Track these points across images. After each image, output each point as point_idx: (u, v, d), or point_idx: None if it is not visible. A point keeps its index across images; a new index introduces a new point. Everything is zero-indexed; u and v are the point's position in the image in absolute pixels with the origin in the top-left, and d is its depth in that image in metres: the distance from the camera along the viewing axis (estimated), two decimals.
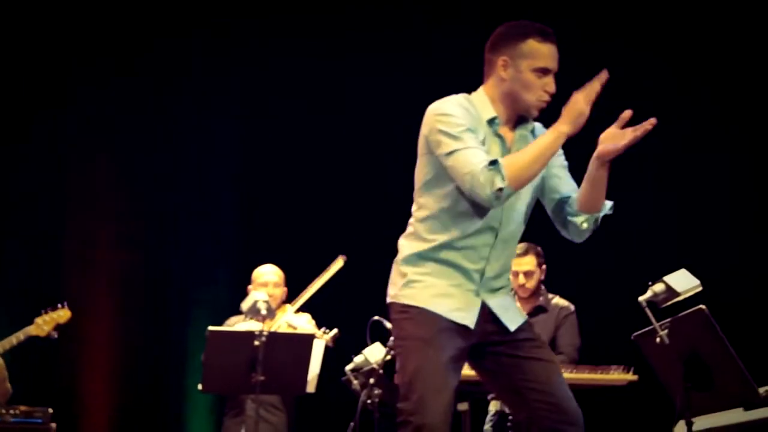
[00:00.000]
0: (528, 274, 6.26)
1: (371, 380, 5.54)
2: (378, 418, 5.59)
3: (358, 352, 5.66)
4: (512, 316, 3.87)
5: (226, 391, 6.33)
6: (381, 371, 5.55)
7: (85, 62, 8.25)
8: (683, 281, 4.20)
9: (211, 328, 6.10)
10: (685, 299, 4.24)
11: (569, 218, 3.90)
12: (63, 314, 6.45)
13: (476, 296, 3.81)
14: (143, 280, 8.33)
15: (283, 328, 6.29)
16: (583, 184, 3.84)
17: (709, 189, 7.71)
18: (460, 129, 3.73)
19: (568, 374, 5.53)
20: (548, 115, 3.85)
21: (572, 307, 6.34)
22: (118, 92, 8.31)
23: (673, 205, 7.69)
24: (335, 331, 6.25)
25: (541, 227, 4.08)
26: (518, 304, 4.06)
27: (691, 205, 7.71)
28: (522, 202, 3.88)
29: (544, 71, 3.79)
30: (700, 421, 4.53)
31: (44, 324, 6.40)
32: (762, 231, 7.63)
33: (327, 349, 6.22)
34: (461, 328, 3.77)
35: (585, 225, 3.90)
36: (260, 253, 7.07)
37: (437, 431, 3.63)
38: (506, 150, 3.83)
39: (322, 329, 6.28)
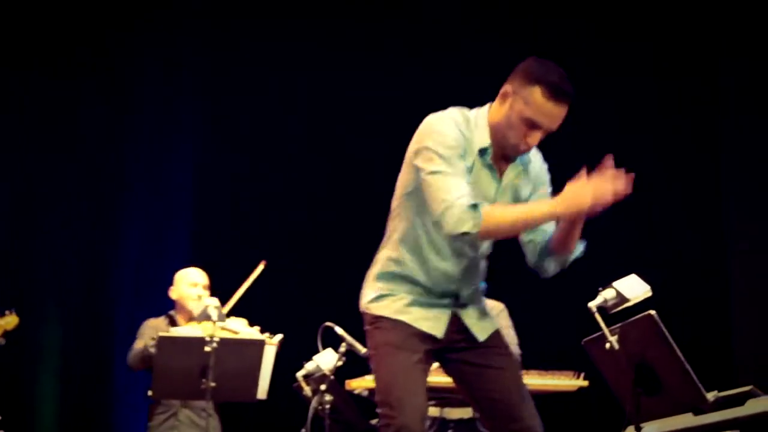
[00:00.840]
0: None
1: (322, 386, 5.52)
2: (329, 425, 5.58)
3: (309, 358, 5.64)
4: (483, 325, 3.91)
5: (177, 397, 6.28)
6: (332, 378, 5.54)
7: (26, 58, 8.17)
8: (633, 287, 4.22)
9: (161, 333, 6.05)
10: (635, 304, 4.26)
11: (540, 258, 3.88)
12: (10, 320, 6.32)
13: (446, 309, 3.85)
14: (87, 283, 8.24)
15: (219, 333, 6.20)
16: (556, 229, 3.80)
17: (658, 192, 7.76)
18: (451, 152, 3.64)
19: None
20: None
21: (502, 305, 6.30)
22: (66, 95, 8.25)
23: (626, 210, 7.73)
24: (281, 335, 6.20)
25: None
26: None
27: (643, 210, 7.75)
28: None
29: (533, 125, 3.64)
30: (650, 426, 4.56)
31: None
32: (712, 235, 7.69)
33: (278, 355, 6.18)
34: (429, 335, 3.81)
35: (552, 268, 3.90)
36: (205, 257, 7.06)
37: (416, 430, 3.67)
38: (498, 181, 3.78)
39: (266, 334, 6.22)
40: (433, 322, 3.81)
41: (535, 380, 5.86)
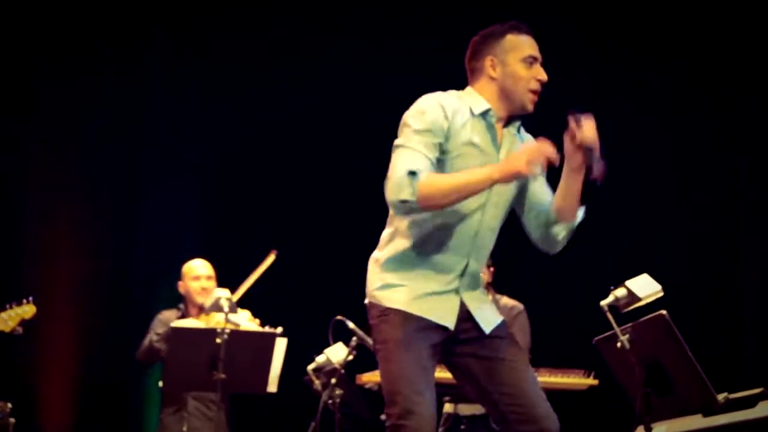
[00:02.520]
0: None
1: (333, 380, 5.54)
2: (339, 419, 5.59)
3: (320, 351, 5.65)
4: (488, 316, 3.84)
5: (188, 388, 6.30)
6: (343, 371, 5.55)
7: (48, 61, 8.17)
8: (645, 286, 4.22)
9: (173, 324, 6.08)
10: (647, 304, 4.26)
11: (548, 229, 3.87)
12: (28, 309, 6.32)
13: (456, 295, 3.78)
14: (104, 277, 8.25)
15: (222, 325, 6.20)
16: (557, 192, 3.81)
17: (672, 192, 7.74)
18: (420, 127, 3.72)
19: None
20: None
21: (521, 306, 6.30)
22: (80, 95, 8.26)
23: (638, 208, 7.71)
24: (280, 329, 6.17)
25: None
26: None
27: (654, 208, 7.73)
28: (508, 195, 3.86)
29: (532, 59, 3.84)
30: (660, 427, 4.56)
31: (9, 319, 6.25)
32: (724, 236, 7.66)
33: (288, 348, 6.18)
34: (440, 326, 3.75)
35: (562, 235, 3.87)
36: (219, 252, 7.07)
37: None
38: (497, 145, 3.81)
39: (266, 327, 6.20)
40: (443, 311, 3.75)
41: (545, 378, 5.86)
